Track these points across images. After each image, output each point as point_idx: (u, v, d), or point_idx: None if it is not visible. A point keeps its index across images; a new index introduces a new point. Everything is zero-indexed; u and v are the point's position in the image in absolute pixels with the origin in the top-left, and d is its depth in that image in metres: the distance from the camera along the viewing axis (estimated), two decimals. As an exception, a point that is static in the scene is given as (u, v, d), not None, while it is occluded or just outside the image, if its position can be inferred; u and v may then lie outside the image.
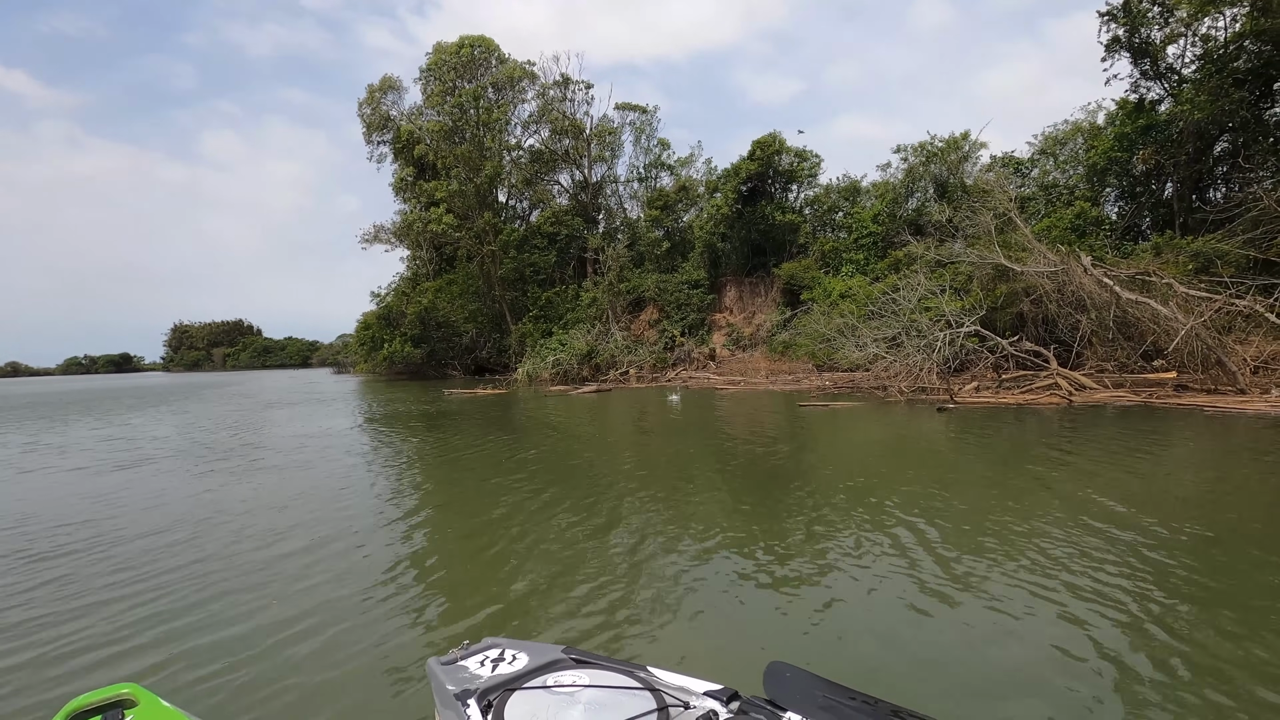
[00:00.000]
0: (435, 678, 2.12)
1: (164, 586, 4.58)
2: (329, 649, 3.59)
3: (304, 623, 3.92)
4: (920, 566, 4.50)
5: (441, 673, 2.11)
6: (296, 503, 7.04)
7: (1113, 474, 7.13)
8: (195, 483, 8.38)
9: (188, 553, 5.34)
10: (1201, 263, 15.85)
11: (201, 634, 3.79)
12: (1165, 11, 19.42)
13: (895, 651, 3.36)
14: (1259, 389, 12.46)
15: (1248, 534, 4.94)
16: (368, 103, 40.03)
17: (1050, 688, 2.96)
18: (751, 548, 5.05)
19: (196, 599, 4.33)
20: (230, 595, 4.38)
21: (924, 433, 10.78)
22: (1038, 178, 25.22)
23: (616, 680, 1.94)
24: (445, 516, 6.41)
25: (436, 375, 38.65)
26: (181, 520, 6.41)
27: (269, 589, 4.46)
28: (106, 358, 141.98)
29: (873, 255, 25.90)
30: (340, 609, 4.12)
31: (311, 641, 3.68)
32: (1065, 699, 2.87)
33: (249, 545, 5.50)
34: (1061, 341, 16.57)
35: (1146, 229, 21.36)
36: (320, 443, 11.83)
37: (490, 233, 35.10)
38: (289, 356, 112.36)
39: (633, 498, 6.79)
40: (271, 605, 4.18)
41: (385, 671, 3.33)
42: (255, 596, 4.34)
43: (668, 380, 26.60)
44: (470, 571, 4.80)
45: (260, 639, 3.72)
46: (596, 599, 4.16)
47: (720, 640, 3.56)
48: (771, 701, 1.76)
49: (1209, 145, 19.75)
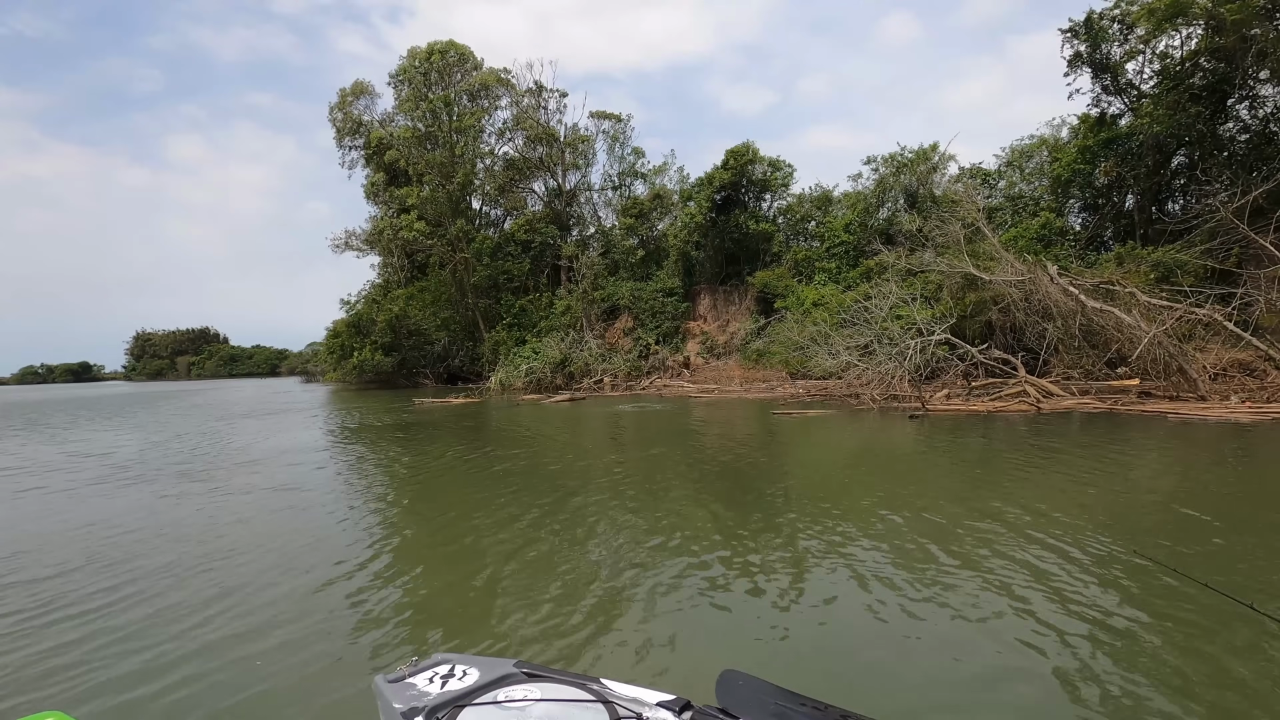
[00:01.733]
0: (381, 696, 2.01)
1: (86, 614, 4.20)
2: (264, 669, 3.36)
3: (236, 641, 3.67)
4: (882, 576, 4.39)
5: (388, 691, 2.01)
6: (236, 528, 6.65)
7: (1080, 483, 7.09)
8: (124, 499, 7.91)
9: (100, 578, 4.95)
10: (1162, 272, 16.18)
11: (127, 658, 3.52)
12: (1125, 29, 19.94)
13: (848, 659, 3.35)
14: (1219, 396, 12.70)
15: (1215, 549, 4.88)
16: (339, 107, 39.43)
17: (1006, 698, 2.93)
18: (711, 557, 4.91)
19: (122, 622, 3.97)
20: (153, 616, 4.03)
21: (895, 441, 10.72)
22: (1004, 189, 25.70)
23: (569, 693, 1.90)
24: (398, 529, 6.08)
25: (408, 384, 37.94)
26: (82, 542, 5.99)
27: (203, 605, 4.12)
28: (65, 367, 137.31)
29: (845, 264, 26.09)
30: (278, 627, 3.86)
31: (244, 659, 3.46)
32: (1020, 709, 2.84)
33: (166, 566, 5.13)
34: (1029, 349, 16.76)
35: (1109, 239, 21.82)
36: (278, 461, 11.36)
37: (463, 240, 34.65)
38: (256, 365, 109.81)
39: (597, 508, 6.54)
40: (210, 621, 3.86)
41: (327, 691, 3.13)
42: (183, 616, 4.00)
43: (642, 389, 26.39)
44: (422, 587, 4.53)
45: (192, 659, 3.48)
46: (552, 611, 4.03)
47: (676, 650, 3.49)
48: (724, 710, 1.74)
49: (1167, 158, 20.28)
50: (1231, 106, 18.79)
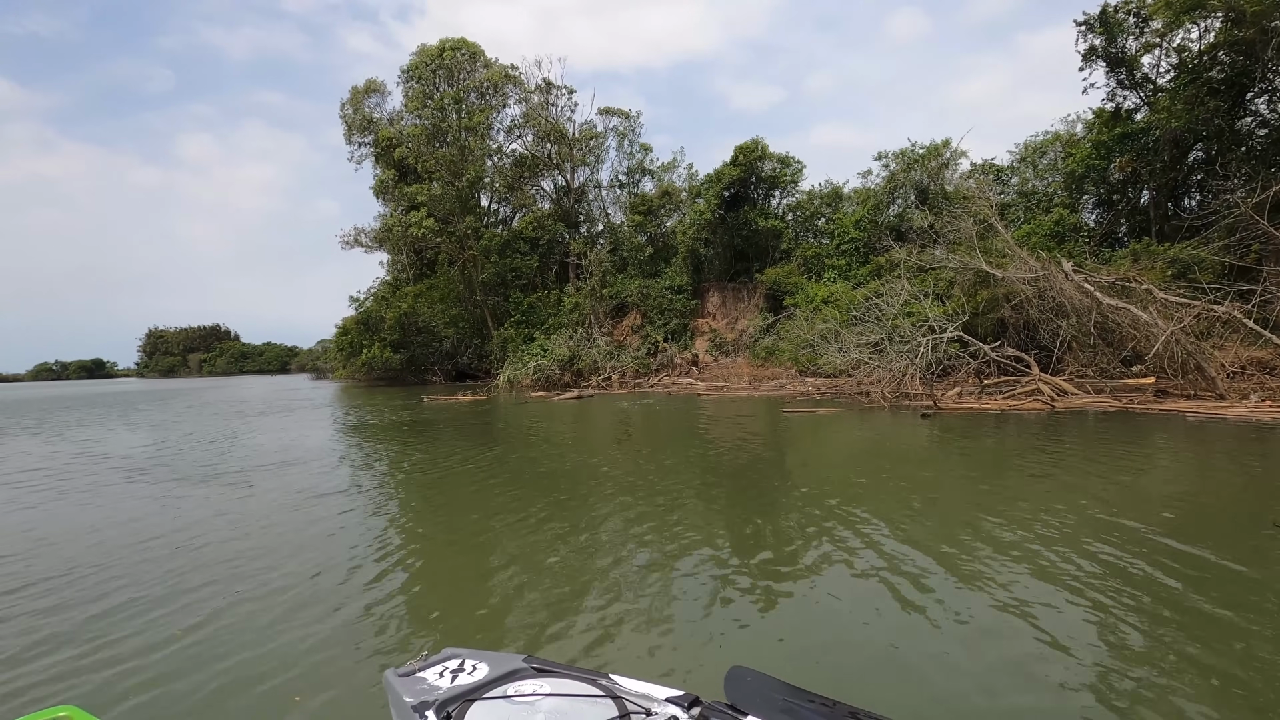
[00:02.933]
0: (392, 690, 2.04)
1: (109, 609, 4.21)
2: (279, 663, 3.38)
3: (250, 634, 3.73)
4: (892, 577, 4.35)
5: (399, 685, 2.04)
6: (255, 527, 6.66)
7: (1099, 484, 6.98)
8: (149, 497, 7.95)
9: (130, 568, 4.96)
10: (1179, 269, 15.94)
11: (145, 653, 3.53)
12: (1141, 22, 19.65)
13: (858, 656, 3.33)
14: (1237, 394, 12.49)
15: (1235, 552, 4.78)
16: (350, 104, 39.46)
17: (1016, 697, 2.90)
18: (721, 555, 4.89)
19: (141, 618, 3.97)
20: (167, 608, 4.03)
21: (908, 439, 10.62)
22: (1017, 185, 25.42)
23: (578, 688, 1.93)
24: (407, 527, 6.07)
25: (416, 381, 38.05)
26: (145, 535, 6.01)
27: (220, 596, 4.12)
28: (78, 364, 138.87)
29: (855, 261, 25.91)
30: (291, 622, 3.88)
31: (258, 654, 3.49)
32: (1032, 708, 2.81)
33: (194, 559, 5.13)
34: (1042, 347, 16.57)
35: (1123, 236, 21.55)
36: (293, 461, 11.40)
37: (471, 237, 34.66)
38: (267, 362, 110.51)
39: (606, 506, 6.52)
40: (223, 615, 3.85)
41: (341, 684, 3.14)
42: (195, 611, 4.00)
43: (650, 386, 26.33)
44: (432, 584, 4.55)
45: (203, 651, 3.51)
46: (562, 607, 4.02)
47: (684, 646, 3.48)
48: (733, 706, 1.77)
49: (1184, 153, 19.98)
50: (1250, 100, 18.49)
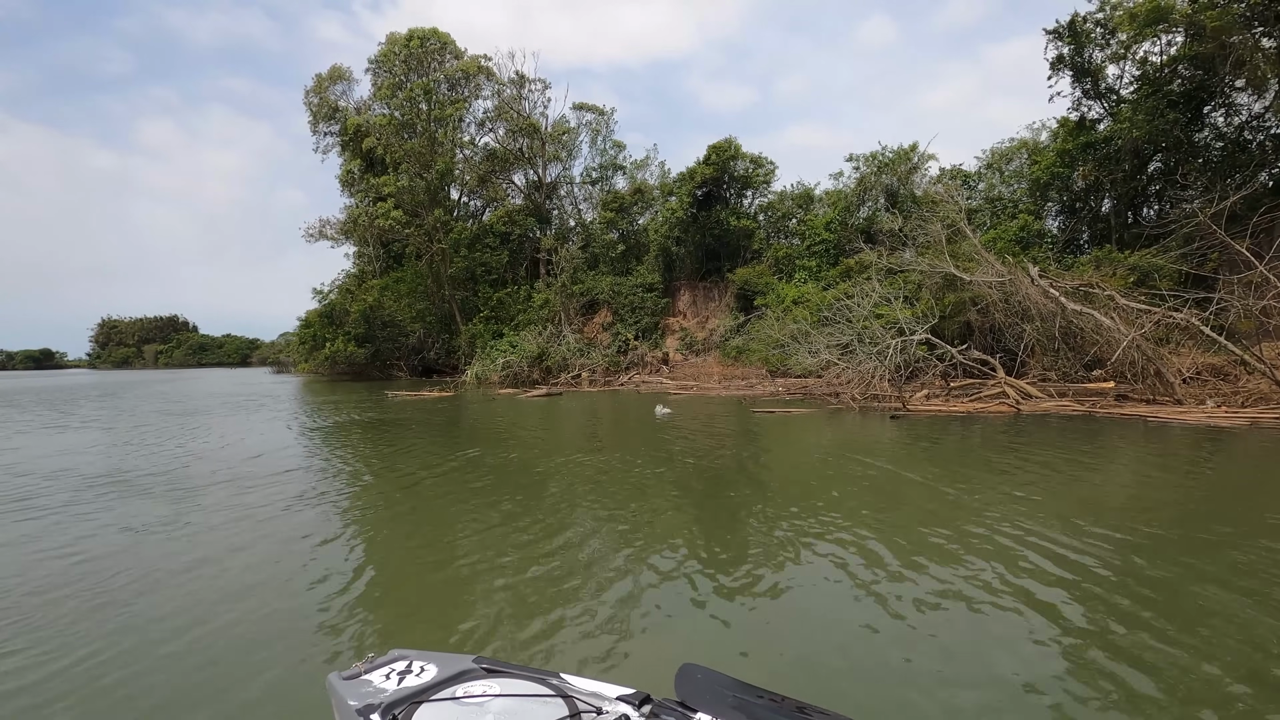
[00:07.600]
0: (336, 694, 1.97)
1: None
2: (219, 670, 3.24)
3: (192, 642, 3.55)
4: (846, 573, 4.35)
5: (342, 688, 1.97)
6: (204, 533, 6.21)
7: (1063, 484, 6.94)
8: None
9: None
10: (1139, 276, 16.27)
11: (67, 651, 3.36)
12: (1107, 33, 20.06)
13: (809, 652, 3.34)
14: (1193, 399, 12.74)
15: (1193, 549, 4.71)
16: (315, 91, 38.30)
17: (967, 695, 2.91)
18: (678, 554, 4.79)
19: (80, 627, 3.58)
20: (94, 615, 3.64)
21: (876, 441, 10.54)
22: (984, 191, 25.80)
23: (528, 688, 1.91)
24: (360, 528, 5.69)
25: (381, 376, 37.16)
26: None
27: (165, 607, 3.75)
28: (25, 353, 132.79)
29: (825, 262, 26.01)
30: (236, 629, 3.68)
31: (200, 662, 3.33)
32: (982, 703, 2.83)
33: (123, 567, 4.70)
34: (1007, 350, 16.75)
35: (1085, 242, 22.01)
36: (246, 467, 10.84)
37: (440, 230, 33.93)
38: (227, 354, 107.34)
39: (568, 506, 6.25)
40: (168, 620, 3.76)
41: (284, 691, 3.01)
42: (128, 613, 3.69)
43: (620, 384, 26.06)
44: (381, 585, 4.33)
45: (148, 659, 3.37)
46: (514, 608, 3.95)
47: (638, 644, 3.46)
48: (683, 703, 1.76)
49: (1144, 164, 20.44)
50: (1208, 114, 19.00)
